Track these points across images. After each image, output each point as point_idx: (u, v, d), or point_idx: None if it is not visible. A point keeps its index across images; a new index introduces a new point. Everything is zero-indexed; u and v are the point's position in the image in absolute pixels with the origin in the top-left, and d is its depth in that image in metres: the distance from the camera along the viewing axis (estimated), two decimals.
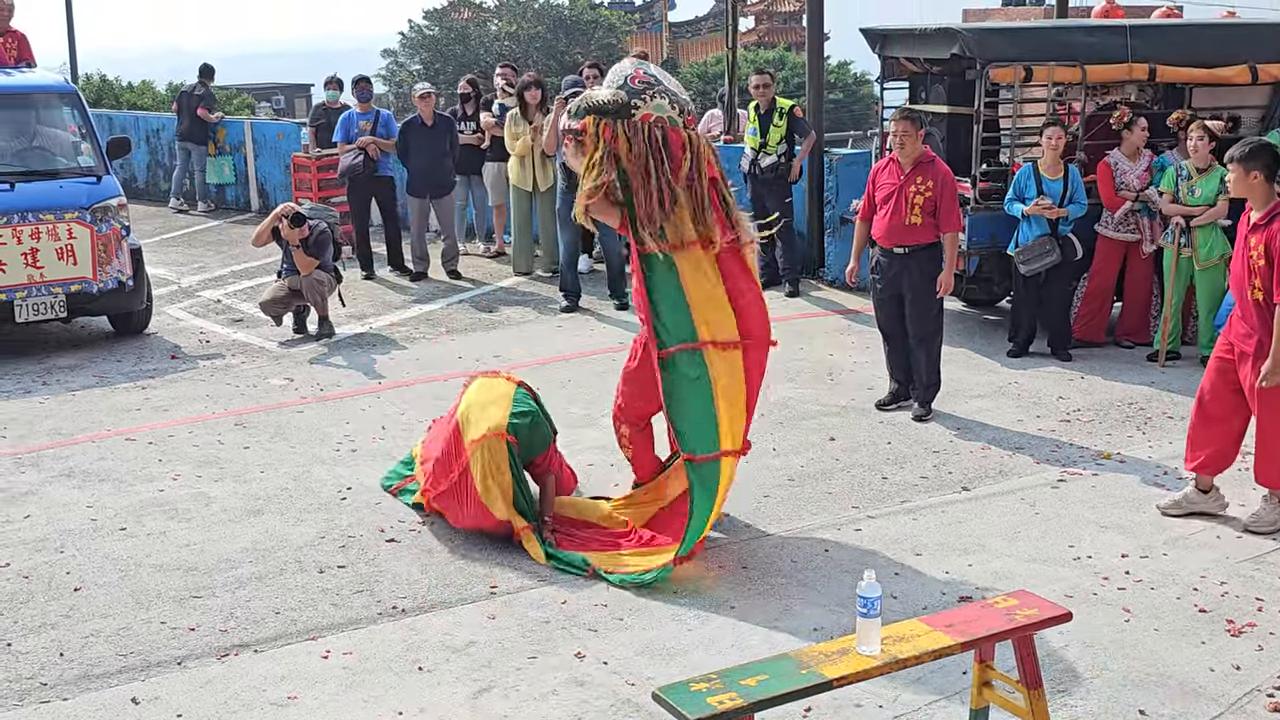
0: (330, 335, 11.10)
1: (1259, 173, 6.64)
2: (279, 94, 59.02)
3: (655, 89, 6.50)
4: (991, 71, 10.20)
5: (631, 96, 6.45)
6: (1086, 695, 5.19)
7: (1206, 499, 7.06)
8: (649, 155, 6.42)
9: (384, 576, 6.40)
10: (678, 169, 6.48)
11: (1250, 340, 6.68)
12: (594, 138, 6.47)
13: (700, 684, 4.03)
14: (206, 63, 18.84)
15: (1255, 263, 6.57)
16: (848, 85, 49.92)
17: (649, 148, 6.42)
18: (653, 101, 6.47)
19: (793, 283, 12.41)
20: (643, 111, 6.44)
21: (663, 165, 6.43)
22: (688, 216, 6.51)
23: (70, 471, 7.93)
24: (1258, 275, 6.57)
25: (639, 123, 6.43)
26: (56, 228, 10.50)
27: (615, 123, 6.42)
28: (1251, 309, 6.64)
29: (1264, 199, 6.65)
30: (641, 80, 6.50)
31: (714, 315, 6.56)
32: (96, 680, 5.43)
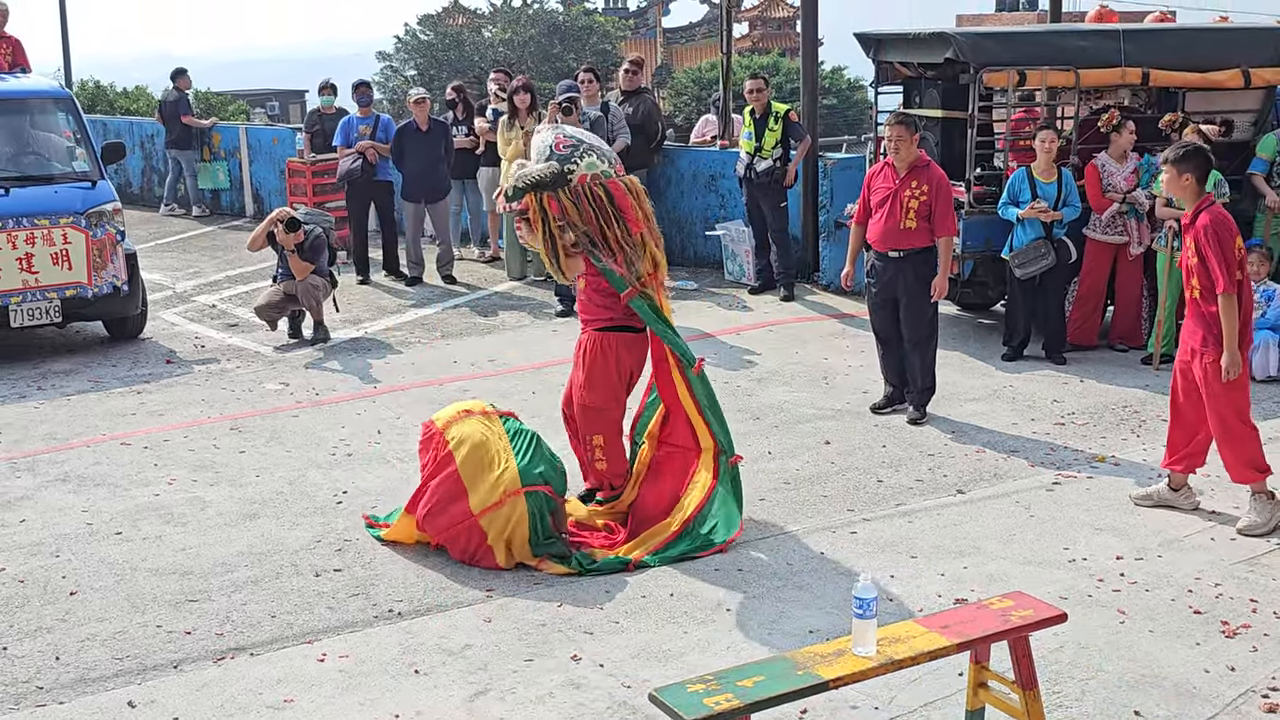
0: (325, 340, 11.10)
1: (1190, 175, 6.86)
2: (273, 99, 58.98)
3: (580, 149, 6.61)
4: (985, 76, 10.23)
5: (563, 163, 6.53)
6: (1082, 696, 5.20)
7: (1177, 496, 7.23)
8: (598, 214, 6.55)
9: (380, 580, 6.41)
10: (631, 217, 6.64)
11: (1196, 337, 6.91)
12: (540, 212, 6.56)
13: (697, 685, 4.04)
14: (179, 66, 18.80)
15: (1189, 261, 6.85)
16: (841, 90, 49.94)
17: (595, 208, 6.54)
18: (584, 161, 6.58)
19: (787, 287, 12.43)
20: (578, 174, 6.54)
21: (613, 220, 6.57)
22: (647, 255, 6.73)
23: (66, 476, 7.92)
24: (1194, 274, 6.83)
25: (579, 187, 6.53)
26: (51, 233, 10.50)
27: (556, 193, 6.53)
28: (1192, 307, 6.91)
29: (1194, 200, 6.89)
30: (566, 145, 6.60)
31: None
32: (93, 684, 5.43)
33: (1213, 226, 6.74)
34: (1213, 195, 7.08)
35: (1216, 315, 6.76)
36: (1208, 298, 6.81)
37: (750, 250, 12.86)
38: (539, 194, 6.55)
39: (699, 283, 13.24)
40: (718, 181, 13.74)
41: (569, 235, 6.62)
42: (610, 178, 6.65)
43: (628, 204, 6.65)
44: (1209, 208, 6.84)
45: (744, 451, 8.15)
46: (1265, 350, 9.55)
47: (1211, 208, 6.84)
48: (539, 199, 6.56)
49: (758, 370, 10.07)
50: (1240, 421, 6.91)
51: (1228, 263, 6.70)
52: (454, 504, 6.45)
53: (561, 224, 6.59)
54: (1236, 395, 6.87)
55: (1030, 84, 10.40)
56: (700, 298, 12.65)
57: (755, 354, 10.52)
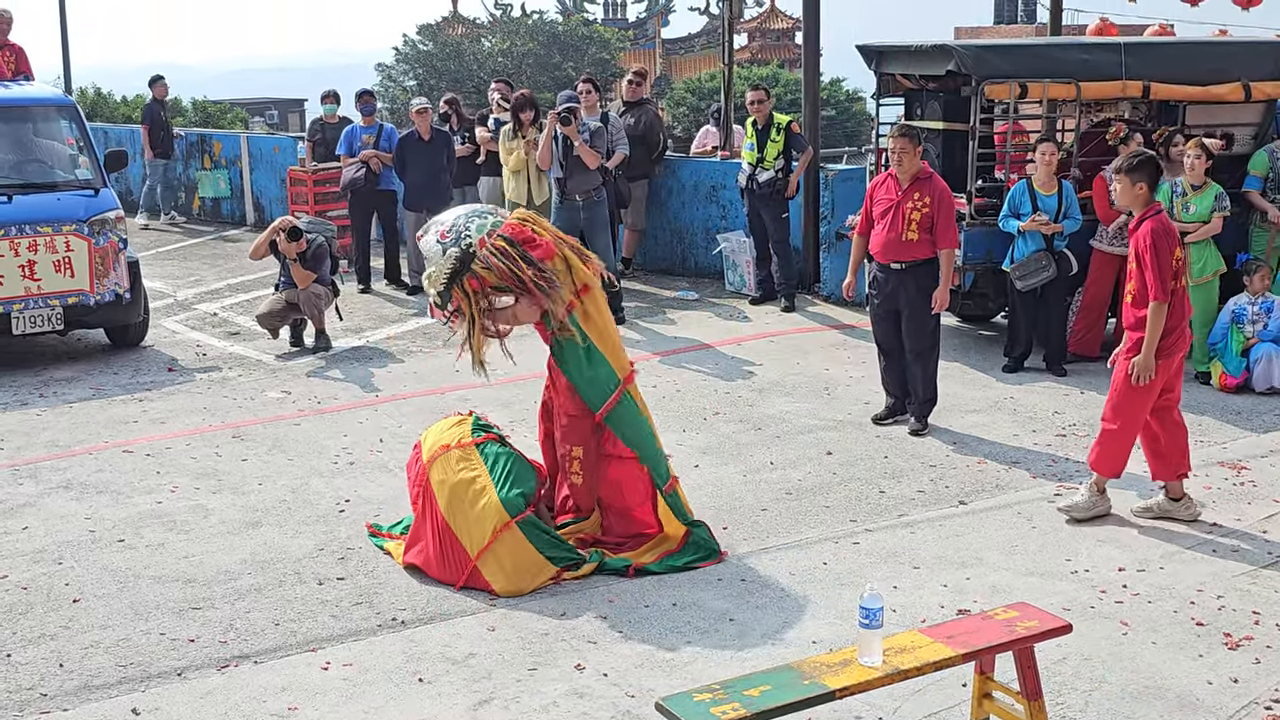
0: (327, 349, 11.12)
1: (1144, 184, 7.01)
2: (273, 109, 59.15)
3: (459, 225, 6.51)
4: (987, 88, 10.26)
5: (459, 244, 6.45)
6: (1085, 708, 5.21)
7: (1177, 506, 7.25)
8: (509, 265, 6.43)
9: (383, 588, 6.41)
10: (538, 243, 6.53)
11: (1126, 341, 7.12)
12: (467, 296, 6.48)
13: (703, 694, 4.05)
14: (156, 74, 18.74)
15: (1129, 266, 7.06)
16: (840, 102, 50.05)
17: (504, 260, 6.43)
18: (472, 228, 6.50)
19: (788, 298, 12.45)
20: (475, 241, 6.45)
21: (520, 261, 6.44)
22: (567, 270, 6.62)
23: (68, 483, 7.93)
24: (1131, 278, 7.05)
25: (482, 253, 6.44)
26: (54, 240, 10.52)
27: (472, 270, 6.44)
28: (1127, 311, 7.13)
29: (1143, 208, 7.04)
30: (449, 231, 6.51)
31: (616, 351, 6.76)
32: (97, 691, 5.43)
33: (1155, 235, 6.92)
34: (1160, 204, 7.20)
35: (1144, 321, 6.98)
36: (1139, 303, 7.02)
37: (751, 261, 12.89)
38: (460, 282, 6.46)
39: (700, 293, 13.26)
40: (719, 192, 13.77)
41: (501, 299, 6.56)
42: (499, 225, 6.56)
43: (527, 234, 6.55)
44: (1154, 216, 7.00)
45: (746, 462, 8.21)
46: (1268, 362, 9.57)
47: (1157, 216, 7.01)
48: (462, 286, 6.47)
49: (759, 381, 10.08)
50: (1131, 423, 7.13)
51: (1163, 272, 6.90)
52: (452, 551, 6.42)
53: (489, 294, 6.52)
54: (1140, 398, 7.06)
55: (1031, 96, 10.43)
56: (701, 308, 12.67)
57: (756, 365, 10.54)
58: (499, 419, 7.16)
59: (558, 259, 6.57)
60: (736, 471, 8.06)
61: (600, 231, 11.80)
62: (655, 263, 14.42)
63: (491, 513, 6.33)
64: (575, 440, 6.79)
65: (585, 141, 11.46)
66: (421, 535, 6.57)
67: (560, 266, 6.58)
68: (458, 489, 6.42)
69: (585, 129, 11.57)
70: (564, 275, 6.58)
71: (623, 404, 6.68)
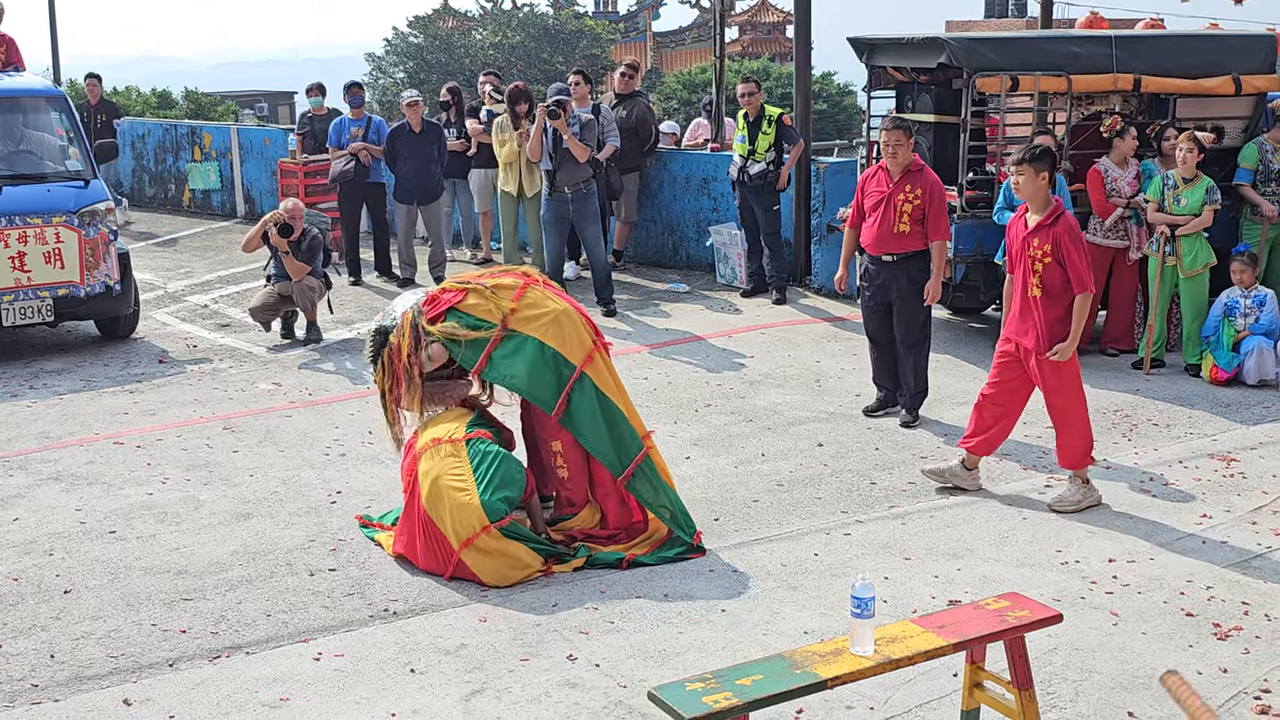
0: (318, 341, 11.10)
1: (1046, 173, 7.16)
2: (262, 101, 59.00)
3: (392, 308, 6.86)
4: (978, 81, 10.27)
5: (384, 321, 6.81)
6: (1076, 698, 5.22)
7: (968, 476, 7.58)
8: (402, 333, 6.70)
9: (375, 579, 6.41)
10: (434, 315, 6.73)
11: (1029, 335, 7.25)
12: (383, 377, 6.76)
13: (696, 683, 4.06)
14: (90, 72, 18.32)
15: (1040, 262, 7.14)
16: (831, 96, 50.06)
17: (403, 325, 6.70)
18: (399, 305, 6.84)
19: (780, 290, 12.46)
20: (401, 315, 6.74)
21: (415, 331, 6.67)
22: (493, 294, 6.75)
23: (58, 475, 7.91)
24: (1038, 274, 7.14)
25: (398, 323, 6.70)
26: (44, 231, 10.49)
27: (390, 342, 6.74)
28: (1030, 305, 7.22)
29: (1044, 201, 7.20)
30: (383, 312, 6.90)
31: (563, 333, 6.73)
32: (88, 682, 5.42)
33: (1074, 230, 7.13)
34: (1061, 199, 7.35)
35: (1059, 316, 7.13)
36: (1053, 299, 7.14)
37: (742, 253, 12.90)
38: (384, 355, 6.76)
39: (691, 285, 13.26)
40: (710, 185, 13.77)
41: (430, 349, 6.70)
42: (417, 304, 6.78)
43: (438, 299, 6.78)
44: (1065, 211, 7.19)
45: (737, 454, 8.21)
46: (1259, 355, 9.58)
47: (1067, 211, 7.21)
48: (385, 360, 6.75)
49: (750, 373, 10.09)
50: (1081, 411, 7.31)
51: (1086, 265, 7.10)
52: (436, 542, 6.42)
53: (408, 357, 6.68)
54: (1072, 382, 7.28)
55: (1023, 89, 10.44)
56: (692, 300, 12.67)
57: (748, 357, 10.55)
58: (497, 410, 7.14)
59: (472, 293, 6.74)
60: (728, 463, 8.07)
61: (590, 223, 11.81)
62: (647, 255, 14.42)
63: (472, 515, 6.31)
64: (552, 434, 6.77)
65: (575, 135, 11.45)
66: (409, 525, 6.58)
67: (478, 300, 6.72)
68: (440, 484, 6.39)
69: (575, 122, 11.56)
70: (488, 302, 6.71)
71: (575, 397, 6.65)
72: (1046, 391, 7.31)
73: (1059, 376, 7.24)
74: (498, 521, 6.32)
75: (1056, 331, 7.17)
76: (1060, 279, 7.13)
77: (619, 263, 14.05)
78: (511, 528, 6.39)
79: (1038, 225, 7.19)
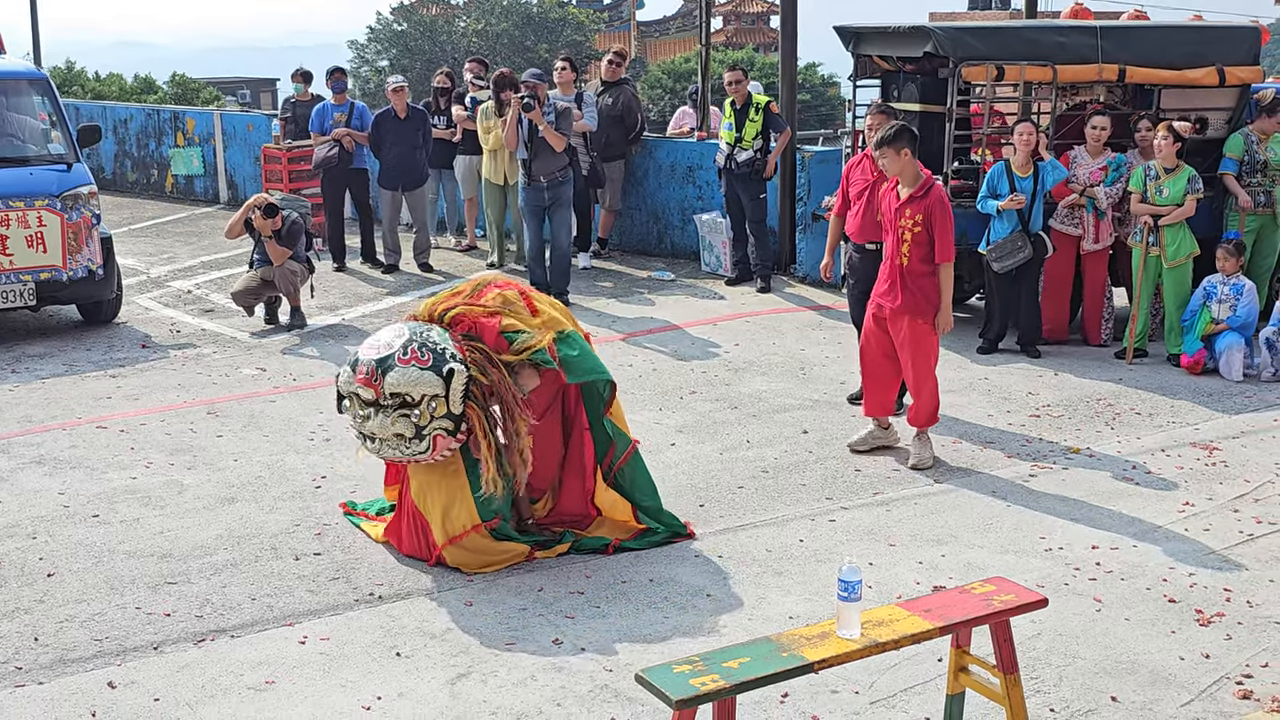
0: (302, 326, 11.07)
1: (908, 150, 7.53)
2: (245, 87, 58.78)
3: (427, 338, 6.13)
4: (964, 70, 10.28)
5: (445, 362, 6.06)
6: (1059, 682, 5.25)
7: (887, 434, 8.06)
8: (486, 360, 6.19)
9: (360, 564, 6.40)
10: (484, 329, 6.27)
11: (895, 300, 7.68)
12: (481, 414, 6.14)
13: (683, 665, 4.06)
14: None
15: (910, 232, 7.55)
16: (815, 86, 50.11)
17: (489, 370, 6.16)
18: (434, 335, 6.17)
19: (765, 278, 12.47)
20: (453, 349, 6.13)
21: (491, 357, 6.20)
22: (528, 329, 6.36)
23: (41, 459, 7.88)
24: (909, 244, 7.55)
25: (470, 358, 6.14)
26: (26, 215, 10.43)
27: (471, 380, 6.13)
28: (898, 273, 7.63)
29: (914, 175, 7.59)
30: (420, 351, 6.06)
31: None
32: (72, 665, 5.40)
33: (944, 202, 7.54)
34: (929, 172, 7.72)
35: (928, 282, 7.56)
36: (923, 267, 7.56)
37: (727, 241, 12.90)
38: (468, 397, 6.10)
39: (676, 274, 13.26)
40: (696, 173, 13.76)
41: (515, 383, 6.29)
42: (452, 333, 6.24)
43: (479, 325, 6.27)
44: (935, 183, 7.59)
45: (722, 441, 8.22)
46: (1229, 355, 9.61)
47: (937, 183, 7.62)
48: (473, 400, 6.13)
49: (735, 360, 10.10)
50: (933, 374, 7.81)
51: (952, 236, 7.58)
52: (421, 534, 6.41)
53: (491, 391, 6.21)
54: (933, 350, 7.79)
55: (1008, 78, 10.46)
56: (677, 289, 12.67)
57: (732, 345, 10.56)
58: None
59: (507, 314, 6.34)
60: (713, 450, 8.08)
61: (563, 209, 11.84)
62: (631, 243, 14.41)
63: (464, 515, 6.29)
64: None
65: (550, 124, 11.44)
66: (397, 510, 6.57)
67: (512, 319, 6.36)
68: (433, 478, 6.34)
69: (550, 111, 11.54)
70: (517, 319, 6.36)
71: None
72: (904, 353, 7.74)
73: (917, 341, 7.68)
74: (488, 522, 6.32)
75: (922, 295, 7.60)
76: (926, 247, 7.54)
77: (604, 250, 14.04)
78: (501, 529, 6.39)
79: (910, 197, 7.58)
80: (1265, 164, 10.51)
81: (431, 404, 6.01)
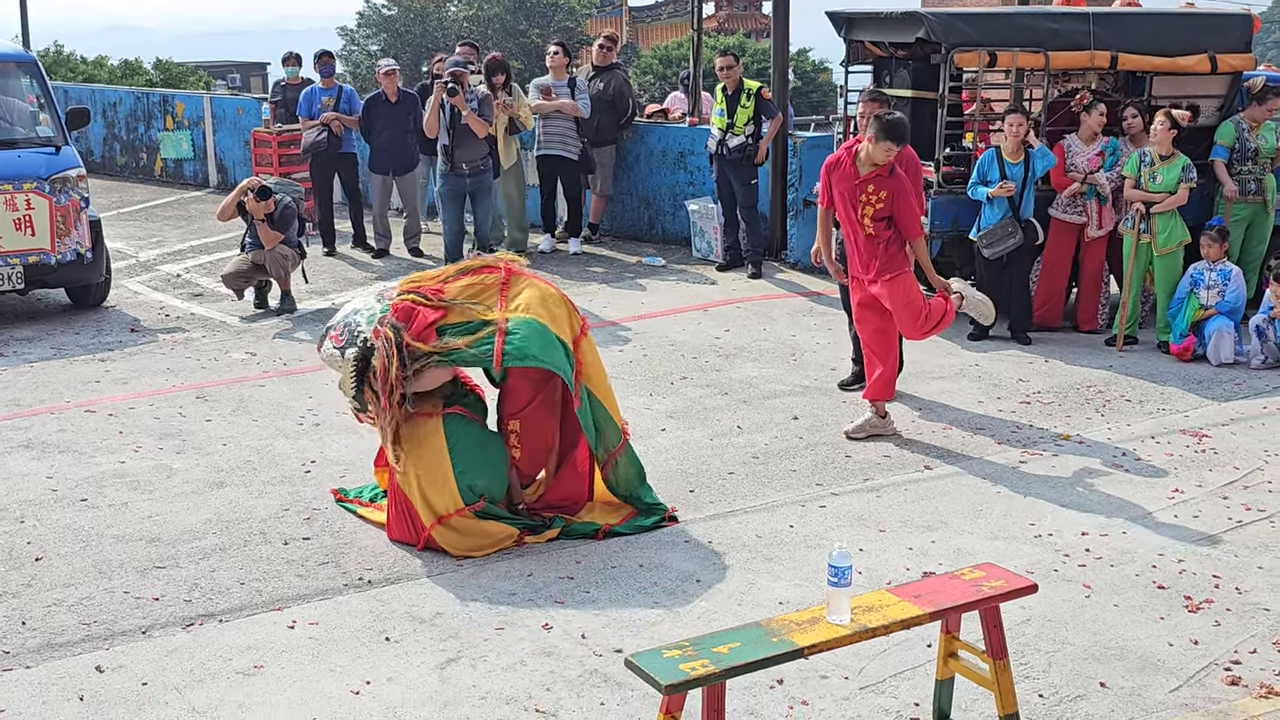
0: (292, 310, 11.04)
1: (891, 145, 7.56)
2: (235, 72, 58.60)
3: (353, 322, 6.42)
4: (956, 56, 10.26)
5: (355, 344, 6.33)
6: (1048, 668, 5.26)
7: (884, 423, 8.05)
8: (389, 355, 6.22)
9: (349, 549, 6.39)
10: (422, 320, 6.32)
11: (869, 270, 7.82)
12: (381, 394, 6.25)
13: (673, 650, 4.06)
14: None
15: (872, 206, 7.70)
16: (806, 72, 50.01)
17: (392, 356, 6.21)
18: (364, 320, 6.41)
19: (755, 264, 12.45)
20: (369, 334, 6.32)
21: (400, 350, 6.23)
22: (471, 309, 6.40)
23: (29, 443, 7.85)
24: (869, 218, 7.72)
25: (377, 343, 6.27)
26: (14, 198, 10.38)
27: (371, 365, 6.28)
28: (864, 244, 7.81)
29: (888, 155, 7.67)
30: (340, 334, 6.43)
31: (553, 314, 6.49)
32: (60, 649, 5.39)
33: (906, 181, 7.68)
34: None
35: (894, 247, 7.72)
36: (886, 233, 7.73)
37: (719, 227, 12.87)
38: (368, 379, 6.31)
39: (667, 259, 13.24)
40: (687, 158, 13.73)
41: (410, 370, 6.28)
42: (385, 312, 6.38)
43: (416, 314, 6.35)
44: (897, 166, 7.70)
45: (713, 426, 8.21)
46: (1218, 339, 9.62)
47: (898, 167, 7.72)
48: (371, 386, 6.30)
49: (726, 346, 10.09)
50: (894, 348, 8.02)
51: (916, 210, 7.75)
52: (408, 515, 6.40)
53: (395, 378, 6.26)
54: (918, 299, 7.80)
55: (1000, 65, 10.45)
56: (668, 274, 12.65)
57: (723, 330, 10.55)
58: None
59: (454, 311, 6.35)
60: (703, 435, 8.07)
61: (485, 196, 11.88)
62: (622, 229, 14.39)
63: (447, 497, 6.28)
64: (511, 413, 6.66)
65: (473, 110, 11.40)
66: (388, 496, 6.56)
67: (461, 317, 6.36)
68: (415, 461, 6.33)
69: (473, 98, 11.51)
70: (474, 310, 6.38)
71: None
72: (895, 313, 7.80)
73: (899, 294, 7.73)
74: (472, 505, 6.30)
75: (889, 257, 7.73)
76: (885, 221, 7.70)
77: (595, 236, 14.01)
78: (486, 509, 6.37)
79: (874, 174, 7.66)
80: (1256, 151, 10.51)
81: (342, 380, 6.46)
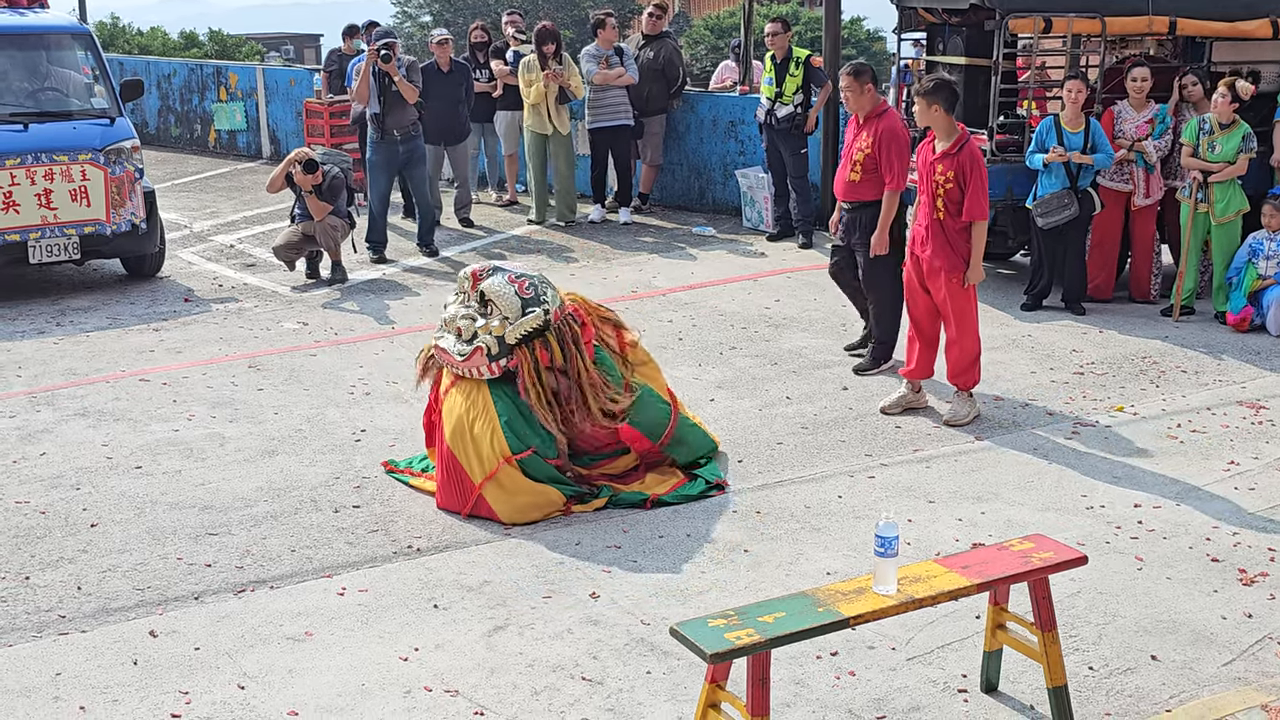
0: (343, 280, 11.10)
1: (939, 105, 7.45)
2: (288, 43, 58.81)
3: (540, 284, 6.55)
4: (1010, 22, 10.12)
5: (538, 305, 6.45)
6: (1099, 640, 5.21)
7: (919, 397, 7.99)
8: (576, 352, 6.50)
9: (399, 517, 6.43)
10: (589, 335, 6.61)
11: (929, 250, 7.61)
12: (532, 363, 6.40)
13: (718, 620, 4.05)
14: None
15: (943, 187, 7.49)
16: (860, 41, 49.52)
17: (574, 346, 6.50)
18: (549, 295, 6.54)
19: (806, 234, 12.37)
20: (553, 312, 6.50)
21: (578, 355, 6.49)
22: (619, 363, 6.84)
23: (85, 411, 7.95)
24: (943, 199, 7.49)
25: (558, 325, 6.47)
26: (70, 169, 10.49)
27: (546, 339, 6.44)
28: (937, 229, 7.56)
29: (947, 130, 7.53)
30: (527, 286, 6.50)
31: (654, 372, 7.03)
32: (114, 614, 5.47)
33: (977, 159, 7.45)
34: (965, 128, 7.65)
35: (964, 237, 7.51)
36: (958, 222, 7.50)
37: (769, 197, 12.80)
38: (530, 345, 6.43)
39: (717, 229, 13.19)
40: (737, 128, 13.66)
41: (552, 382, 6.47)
42: (563, 304, 6.59)
43: (582, 318, 6.66)
44: (969, 140, 7.50)
45: (761, 397, 8.19)
46: (1277, 309, 9.43)
47: (973, 139, 7.53)
48: (531, 350, 6.42)
49: (775, 316, 10.04)
50: (975, 330, 7.74)
51: (985, 194, 7.47)
52: (456, 477, 6.42)
53: (549, 369, 6.45)
54: (974, 308, 7.71)
55: (1056, 31, 10.28)
56: (718, 244, 12.61)
57: (773, 300, 10.50)
58: None
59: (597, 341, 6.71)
60: (752, 405, 8.05)
61: (418, 165, 11.95)
62: (673, 198, 14.35)
63: (496, 446, 6.32)
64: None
65: (403, 77, 11.45)
66: (437, 467, 6.60)
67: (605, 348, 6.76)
68: (463, 418, 6.42)
69: (402, 65, 11.55)
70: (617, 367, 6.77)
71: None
72: (952, 309, 7.66)
73: (956, 298, 7.61)
74: (519, 454, 6.32)
75: (955, 250, 7.54)
76: (959, 204, 7.47)
77: (645, 205, 13.98)
78: (533, 462, 6.38)
79: (943, 153, 7.51)
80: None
81: (497, 320, 6.41)
